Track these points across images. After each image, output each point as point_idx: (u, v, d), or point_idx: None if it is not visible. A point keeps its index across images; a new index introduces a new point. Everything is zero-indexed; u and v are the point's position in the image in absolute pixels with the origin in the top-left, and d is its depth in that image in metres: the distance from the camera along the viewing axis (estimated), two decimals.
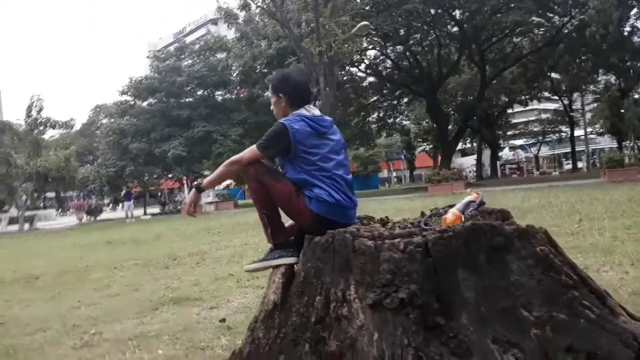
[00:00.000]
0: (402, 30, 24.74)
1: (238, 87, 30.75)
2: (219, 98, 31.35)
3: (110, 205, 44.98)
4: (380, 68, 30.01)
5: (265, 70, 27.35)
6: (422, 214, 3.12)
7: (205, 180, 2.79)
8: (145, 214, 28.76)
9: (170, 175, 33.06)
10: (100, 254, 10.74)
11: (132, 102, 31.22)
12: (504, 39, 26.57)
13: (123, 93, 30.50)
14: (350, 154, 41.01)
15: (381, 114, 33.95)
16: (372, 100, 32.47)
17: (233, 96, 31.59)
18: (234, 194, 31.82)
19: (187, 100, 30.46)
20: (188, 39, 38.78)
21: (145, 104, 31.24)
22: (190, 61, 30.92)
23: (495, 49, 27.38)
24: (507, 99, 35.52)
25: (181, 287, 5.76)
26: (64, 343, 3.67)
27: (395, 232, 2.39)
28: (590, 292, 2.29)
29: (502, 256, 2.22)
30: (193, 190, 2.79)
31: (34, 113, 24.11)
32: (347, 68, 27.97)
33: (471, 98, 30.44)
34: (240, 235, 10.77)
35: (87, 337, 3.76)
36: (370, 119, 34.33)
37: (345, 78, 29.20)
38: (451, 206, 2.92)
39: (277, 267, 2.64)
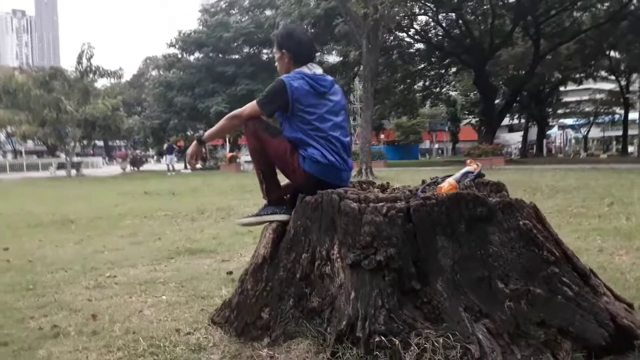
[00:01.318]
0: None
1: None
2: (265, 57, 31.32)
3: (155, 157, 46.24)
4: (430, 35, 29.15)
5: (312, 30, 27.07)
6: (423, 182, 3.11)
7: (207, 133, 2.85)
8: (185, 168, 29.46)
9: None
10: (136, 203, 11.14)
11: (179, 56, 31.59)
12: (563, 12, 25.22)
13: (171, 45, 30.92)
14: (393, 122, 40.53)
15: (427, 83, 33.18)
16: (419, 67, 31.73)
17: None
18: None
19: (233, 57, 30.59)
20: None
21: (192, 58, 31.55)
22: (239, 17, 30.87)
23: (552, 22, 26.04)
24: (560, 76, 33.98)
25: (201, 239, 5.95)
26: (79, 283, 3.90)
27: (380, 197, 2.40)
28: (574, 270, 2.26)
29: (483, 227, 2.21)
30: (195, 142, 2.86)
31: (84, 61, 24.83)
32: (395, 33, 27.35)
33: (523, 72, 29.30)
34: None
35: (101, 279, 3.98)
36: (415, 87, 33.66)
37: (393, 43, 28.60)
38: (449, 176, 2.90)
39: (269, 222, 2.71)
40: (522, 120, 41.59)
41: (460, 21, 26.35)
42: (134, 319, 2.94)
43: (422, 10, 26.34)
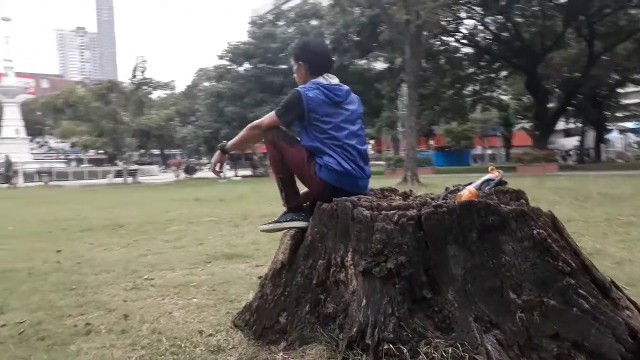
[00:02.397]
0: None
1: None
2: None
3: (208, 164, 47.48)
4: (478, 39, 28.60)
5: (357, 38, 27.17)
6: (446, 189, 3.09)
7: (230, 143, 2.95)
8: (236, 175, 30.12)
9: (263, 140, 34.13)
10: (185, 209, 11.49)
11: (229, 67, 32.40)
12: (619, 10, 24.14)
13: (221, 57, 31.76)
14: (442, 128, 39.87)
15: (477, 87, 32.49)
16: (468, 72, 31.14)
17: None
18: None
19: (280, 67, 31.05)
20: (289, 4, 39.02)
21: (241, 69, 32.27)
22: (285, 28, 31.36)
23: (607, 21, 24.96)
24: (618, 77, 32.46)
25: (240, 244, 6.08)
26: (118, 284, 4.09)
27: (393, 204, 2.42)
28: (592, 281, 2.20)
29: (496, 236, 2.18)
30: (218, 151, 2.97)
31: (138, 74, 25.92)
32: (441, 37, 27.03)
33: (577, 74, 28.19)
34: None
35: (139, 282, 4.15)
36: (465, 91, 33.06)
37: (440, 48, 28.25)
38: (471, 183, 2.87)
39: (288, 229, 2.77)
40: (579, 125, 39.97)
41: (509, 24, 25.70)
42: (162, 319, 3.06)
43: (469, 14, 25.88)
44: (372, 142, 45.84)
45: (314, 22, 30.28)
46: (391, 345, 2.13)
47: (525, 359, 2.03)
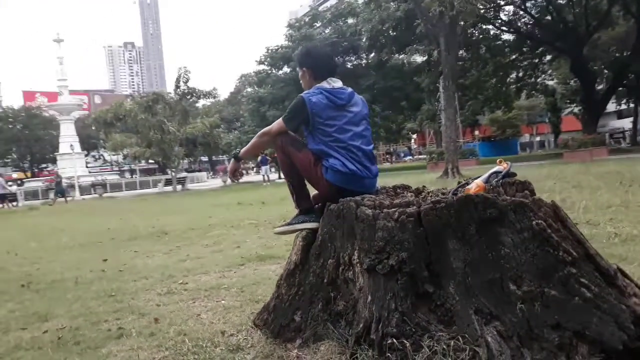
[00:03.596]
0: None
1: (366, 53, 30.83)
2: (348, 64, 31.67)
3: (255, 169, 48.31)
4: (519, 24, 27.82)
5: (394, 33, 26.95)
6: (458, 183, 3.10)
7: (242, 150, 3.08)
8: (280, 177, 30.51)
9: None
10: (227, 213, 11.81)
11: (269, 71, 32.87)
12: None
13: (260, 62, 32.27)
14: (487, 118, 39.02)
15: (520, 74, 31.57)
16: (511, 59, 30.32)
17: (363, 62, 31.71)
18: None
19: None
20: (326, 4, 39.06)
21: (280, 73, 32.67)
22: (322, 28, 31.54)
23: None
24: None
25: (275, 246, 6.23)
26: (154, 290, 4.30)
27: (394, 202, 2.47)
28: (595, 270, 2.18)
29: (494, 229, 2.20)
30: (232, 159, 3.11)
31: (181, 84, 26.72)
32: (480, 25, 26.45)
33: (627, 53, 26.94)
34: None
35: (174, 286, 4.35)
36: (508, 79, 32.22)
37: (480, 36, 27.66)
38: (479, 177, 2.88)
39: (300, 230, 2.87)
40: (632, 105, 38.15)
41: (551, 7, 24.84)
42: (190, 322, 3.22)
43: (507, 0, 25.19)
44: (414, 136, 45.38)
45: (350, 21, 30.28)
46: (395, 340, 2.19)
47: (525, 349, 2.04)
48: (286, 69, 32.06)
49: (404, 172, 23.70)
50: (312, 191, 2.98)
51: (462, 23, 17.73)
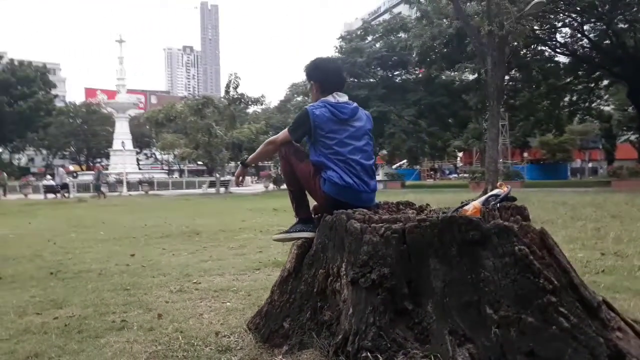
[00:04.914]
0: (605, 5, 21.85)
1: (415, 68, 30.70)
2: (397, 79, 31.62)
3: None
4: (575, 47, 27.02)
5: (445, 50, 26.75)
6: (461, 203, 3.09)
7: (249, 157, 3.18)
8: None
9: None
10: (260, 218, 11.99)
11: None
12: None
13: None
14: (537, 140, 37.96)
15: (574, 98, 30.62)
16: (565, 81, 29.47)
17: (411, 77, 31.59)
18: (402, 174, 31.99)
19: (367, 80, 31.36)
20: (381, 19, 39.14)
21: None
22: (372, 42, 31.68)
23: None
24: None
25: None
26: (168, 287, 4.44)
27: (383, 217, 2.49)
28: (578, 301, 2.14)
29: (476, 251, 2.20)
30: (240, 165, 3.21)
31: (231, 90, 27.37)
32: (535, 46, 25.88)
33: None
34: None
35: (187, 285, 4.49)
36: (562, 102, 31.31)
37: (535, 57, 27.05)
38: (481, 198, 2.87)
39: (297, 239, 2.93)
40: None
41: (610, 31, 24.02)
42: (191, 320, 3.33)
43: (564, 22, 24.53)
44: (460, 154, 44.65)
45: (401, 35, 30.27)
46: (369, 354, 2.21)
47: None
48: None
49: (444, 190, 23.38)
50: (313, 202, 3.04)
51: (514, 44, 17.44)
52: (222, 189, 30.26)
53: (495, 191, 2.81)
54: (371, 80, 31.50)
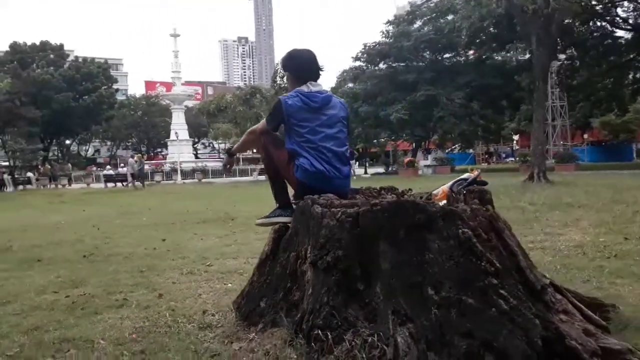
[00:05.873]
0: None
1: (465, 50, 29.90)
2: (446, 62, 30.94)
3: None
4: (639, 21, 25.38)
5: (495, 30, 25.87)
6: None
7: (235, 147, 3.33)
8: (365, 172, 30.68)
9: (394, 138, 34.52)
10: None
11: (365, 68, 33.01)
12: None
13: (357, 59, 32.53)
14: (597, 120, 36.15)
15: (638, 75, 28.86)
16: (628, 58, 27.79)
17: (462, 59, 30.80)
18: (452, 159, 31.35)
19: (414, 64, 30.87)
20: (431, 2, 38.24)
21: (376, 69, 32.66)
22: (420, 25, 31.08)
23: None
24: None
25: None
26: (181, 269, 4.69)
27: (343, 202, 2.57)
28: (521, 283, 2.15)
29: (423, 234, 2.25)
30: (226, 154, 3.37)
31: (277, 79, 27.70)
32: (592, 22, 24.56)
33: None
34: None
35: (199, 267, 4.72)
36: (625, 80, 29.59)
37: (593, 34, 25.69)
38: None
39: (275, 224, 3.06)
40: None
41: None
42: (188, 300, 3.54)
43: None
44: (516, 137, 43.15)
45: (450, 18, 29.50)
46: (320, 332, 2.32)
47: (432, 353, 2.08)
48: (381, 65, 32.00)
49: (492, 174, 22.78)
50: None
51: (565, 21, 16.66)
52: None
53: (464, 175, 2.83)
54: (420, 64, 30.97)
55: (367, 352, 2.16)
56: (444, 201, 2.67)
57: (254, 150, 3.61)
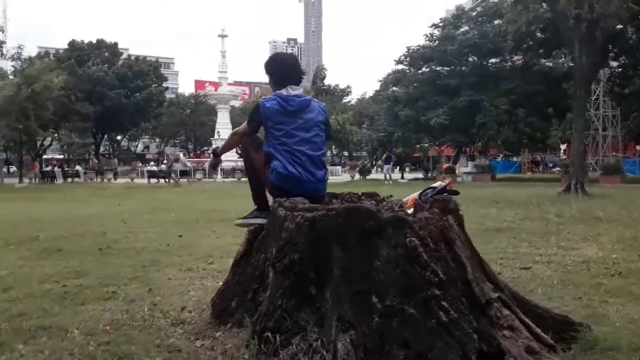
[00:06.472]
0: None
1: (510, 55, 29.13)
2: (491, 67, 30.24)
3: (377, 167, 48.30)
4: None
5: (543, 35, 25.15)
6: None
7: (220, 148, 3.40)
8: (402, 177, 30.33)
9: (437, 143, 34.05)
10: None
11: (407, 71, 32.70)
12: None
13: (399, 62, 32.26)
14: None
15: None
16: None
17: (507, 64, 30.01)
18: (493, 167, 30.56)
19: (458, 68, 30.34)
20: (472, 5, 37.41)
21: (418, 72, 32.30)
22: (466, 29, 30.53)
23: None
24: None
25: None
26: (180, 266, 4.79)
27: (306, 206, 2.59)
28: (466, 296, 2.12)
29: (373, 241, 2.25)
30: (212, 155, 3.44)
31: (318, 81, 27.88)
32: None
33: None
34: None
35: (199, 265, 4.82)
36: None
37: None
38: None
39: (252, 225, 3.11)
40: None
41: None
42: (175, 296, 3.64)
43: None
44: (563, 146, 41.61)
45: (496, 22, 28.84)
46: (270, 334, 2.35)
47: None
48: (424, 69, 31.62)
49: (532, 184, 22.15)
50: None
51: (614, 27, 16.01)
52: None
53: (436, 184, 2.80)
54: (463, 68, 30.40)
55: (310, 357, 2.18)
56: (412, 209, 2.66)
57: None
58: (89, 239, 6.84)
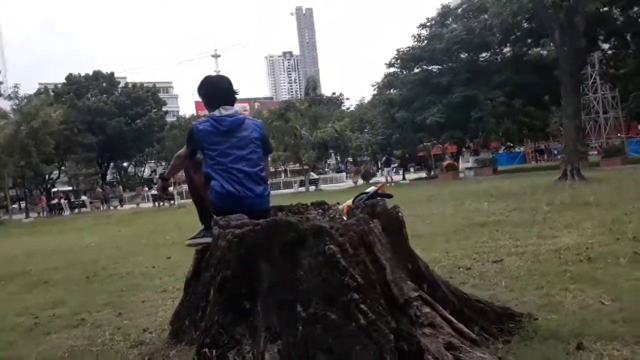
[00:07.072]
0: None
1: (499, 48, 29.13)
2: (482, 62, 30.24)
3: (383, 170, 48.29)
4: None
5: (529, 25, 25.16)
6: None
7: (166, 172, 3.48)
8: (404, 179, 30.35)
9: (437, 141, 34.02)
10: None
11: (399, 73, 32.76)
12: None
13: (390, 65, 32.32)
14: None
15: None
16: None
17: (498, 57, 30.02)
18: (495, 159, 30.48)
19: (449, 66, 30.38)
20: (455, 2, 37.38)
21: (410, 74, 32.34)
22: (453, 26, 30.59)
23: None
24: None
25: None
26: (157, 288, 4.87)
27: (237, 223, 2.65)
28: (385, 297, 2.17)
29: (297, 252, 2.30)
30: (159, 179, 3.52)
31: (310, 92, 28.09)
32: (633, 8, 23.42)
33: None
34: (452, 203, 10.93)
35: (174, 285, 4.88)
36: None
37: (630, 21, 24.48)
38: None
39: (200, 244, 3.18)
40: None
41: None
42: (142, 319, 3.71)
43: None
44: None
45: (483, 17, 28.87)
46: (207, 350, 2.41)
47: None
48: (415, 70, 31.68)
49: (531, 173, 22.10)
50: None
51: (595, 9, 15.98)
52: (311, 187, 31.05)
53: (370, 189, 2.85)
54: (454, 65, 30.43)
55: None
56: (345, 216, 2.72)
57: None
58: (79, 269, 6.94)
